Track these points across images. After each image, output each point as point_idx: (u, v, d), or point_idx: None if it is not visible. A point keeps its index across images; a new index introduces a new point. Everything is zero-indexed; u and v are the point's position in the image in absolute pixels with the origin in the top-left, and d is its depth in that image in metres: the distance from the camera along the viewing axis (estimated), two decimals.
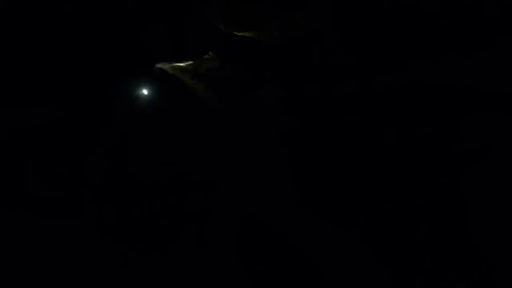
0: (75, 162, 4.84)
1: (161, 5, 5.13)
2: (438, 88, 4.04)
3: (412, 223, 4.10)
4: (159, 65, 6.95)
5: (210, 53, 7.65)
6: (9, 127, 4.34)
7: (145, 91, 8.39)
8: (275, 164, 8.41)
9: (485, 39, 3.60)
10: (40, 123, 4.51)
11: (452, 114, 3.95)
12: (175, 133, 7.89)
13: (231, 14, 6.03)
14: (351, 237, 4.93)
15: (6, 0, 4.17)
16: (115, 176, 6.35)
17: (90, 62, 4.76)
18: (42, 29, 4.38)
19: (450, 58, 3.84)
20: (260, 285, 4.77)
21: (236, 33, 6.87)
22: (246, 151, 8.40)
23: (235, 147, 8.38)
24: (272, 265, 5.37)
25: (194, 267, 5.16)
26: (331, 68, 5.47)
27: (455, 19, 3.67)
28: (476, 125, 3.79)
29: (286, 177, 8.28)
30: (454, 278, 3.69)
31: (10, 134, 4.35)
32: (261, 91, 9.00)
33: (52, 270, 4.27)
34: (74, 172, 4.83)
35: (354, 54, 4.70)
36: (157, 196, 7.26)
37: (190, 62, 7.67)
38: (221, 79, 8.78)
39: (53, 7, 4.35)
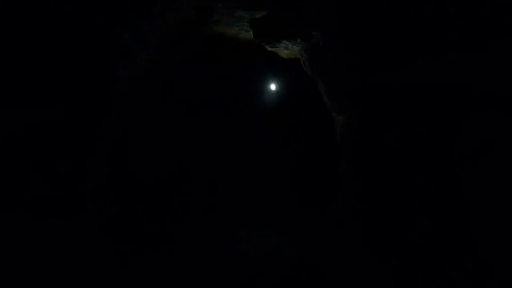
0: (75, 162, 4.84)
1: (158, 5, 5.13)
2: (438, 88, 4.04)
3: (412, 223, 4.10)
4: None
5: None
6: (9, 127, 4.34)
7: (273, 87, 8.63)
8: (276, 164, 8.43)
9: (485, 39, 3.59)
10: (40, 123, 4.51)
11: (452, 114, 3.95)
12: (176, 133, 7.90)
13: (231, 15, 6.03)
14: (352, 237, 4.94)
15: (6, 0, 4.17)
16: (115, 176, 6.36)
17: (90, 62, 4.76)
18: (41, 29, 4.38)
19: (450, 58, 3.83)
20: (261, 283, 4.78)
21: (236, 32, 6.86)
22: (247, 152, 8.43)
23: (236, 148, 8.40)
24: (273, 264, 5.39)
25: (195, 266, 5.17)
26: (331, 68, 5.47)
27: (455, 19, 3.67)
28: (476, 125, 3.79)
29: (287, 177, 8.29)
30: (454, 278, 3.70)
31: (10, 134, 4.35)
32: (261, 91, 9.01)
33: (52, 270, 4.28)
34: (74, 172, 4.83)
35: (354, 54, 4.70)
36: (157, 196, 7.28)
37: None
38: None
39: (52, 4, 4.34)
